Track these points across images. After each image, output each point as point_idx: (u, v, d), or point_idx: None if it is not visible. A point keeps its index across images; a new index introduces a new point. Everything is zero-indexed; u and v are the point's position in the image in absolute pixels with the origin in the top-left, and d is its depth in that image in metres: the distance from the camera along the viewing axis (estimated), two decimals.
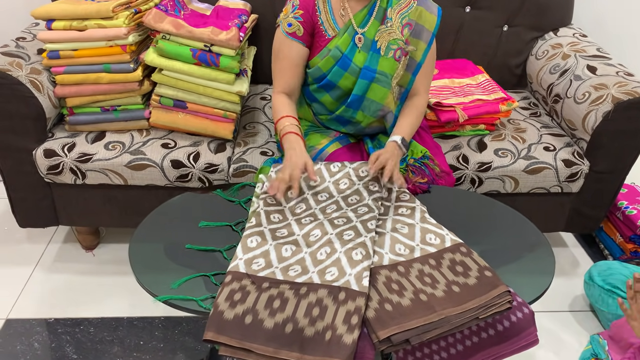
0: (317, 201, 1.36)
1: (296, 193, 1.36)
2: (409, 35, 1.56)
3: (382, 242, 1.23)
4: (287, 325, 1.01)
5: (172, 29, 1.70)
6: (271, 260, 1.17)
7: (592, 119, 1.80)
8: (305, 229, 1.26)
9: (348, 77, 1.54)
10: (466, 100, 1.90)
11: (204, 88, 1.76)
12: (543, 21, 2.21)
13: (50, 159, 1.74)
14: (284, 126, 1.48)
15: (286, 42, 1.53)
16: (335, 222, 1.27)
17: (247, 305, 1.05)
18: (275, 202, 1.35)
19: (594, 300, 1.85)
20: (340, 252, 1.17)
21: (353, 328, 0.99)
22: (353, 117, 1.61)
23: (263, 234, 1.24)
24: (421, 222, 1.28)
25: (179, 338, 1.74)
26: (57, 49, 1.72)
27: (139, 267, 1.19)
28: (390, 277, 1.12)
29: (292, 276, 1.12)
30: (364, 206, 1.32)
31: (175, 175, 1.77)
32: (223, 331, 1.00)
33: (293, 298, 1.07)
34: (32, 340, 1.71)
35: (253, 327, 1.01)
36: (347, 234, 1.22)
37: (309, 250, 1.19)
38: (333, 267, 1.13)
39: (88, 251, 2.07)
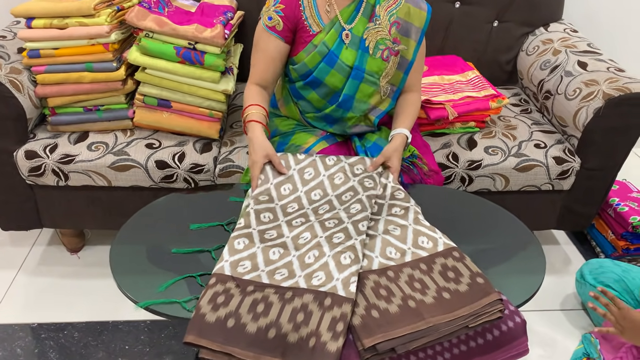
0: (310, 200, 1.33)
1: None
2: (397, 33, 1.53)
3: (373, 245, 1.20)
4: (270, 330, 0.99)
5: (155, 27, 1.66)
6: (258, 263, 1.14)
7: (583, 116, 1.78)
8: (295, 232, 1.23)
9: (334, 75, 1.52)
10: (456, 97, 1.88)
11: (189, 87, 1.72)
12: (534, 16, 2.19)
13: (32, 160, 1.71)
14: (248, 114, 1.47)
15: (264, 35, 1.51)
16: (326, 223, 1.24)
17: (230, 308, 1.03)
18: (267, 199, 1.31)
19: (585, 299, 1.84)
20: (328, 255, 1.14)
21: (338, 335, 0.97)
22: (343, 117, 1.59)
23: (251, 236, 1.21)
24: (414, 224, 1.25)
25: (165, 342, 1.71)
26: (37, 48, 1.69)
27: (120, 271, 1.17)
28: (379, 283, 1.10)
29: (277, 280, 1.10)
30: (357, 203, 1.29)
31: (160, 176, 1.73)
32: (204, 334, 0.98)
33: (277, 302, 1.04)
34: (15, 346, 1.67)
35: (235, 331, 0.99)
36: (337, 237, 1.19)
37: (297, 254, 1.17)
38: (320, 272, 1.11)
39: (73, 254, 2.03)
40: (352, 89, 1.53)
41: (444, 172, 1.78)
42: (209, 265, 1.17)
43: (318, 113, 1.61)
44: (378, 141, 1.61)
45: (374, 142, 1.60)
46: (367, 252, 1.18)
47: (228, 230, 1.29)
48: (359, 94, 1.55)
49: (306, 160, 1.42)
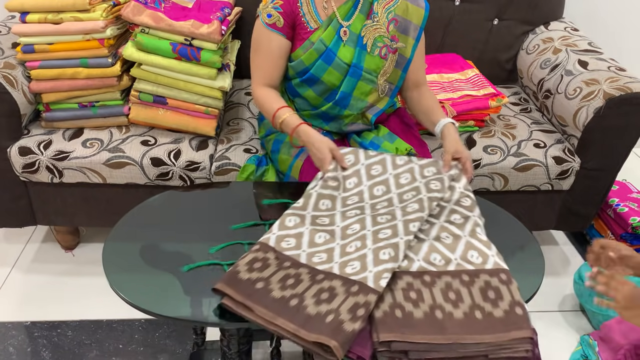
0: (371, 195, 1.31)
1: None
2: (395, 31, 1.52)
3: (419, 249, 1.16)
4: (293, 299, 1.03)
5: (151, 22, 1.64)
6: (301, 243, 1.17)
7: (584, 115, 1.76)
8: (346, 222, 1.23)
9: (332, 72, 1.50)
10: (455, 95, 1.86)
11: (185, 83, 1.70)
12: (534, 15, 2.17)
13: (26, 157, 1.69)
14: (285, 119, 1.43)
15: (265, 33, 1.48)
16: (378, 219, 1.22)
17: (263, 275, 1.08)
18: (334, 186, 1.30)
19: (583, 300, 1.82)
20: (369, 248, 1.13)
21: (357, 319, 0.97)
22: (340, 115, 1.57)
23: (303, 217, 1.23)
24: (469, 236, 1.19)
25: (159, 341, 1.69)
26: (31, 43, 1.66)
27: (113, 269, 1.15)
28: (412, 285, 1.07)
29: (314, 262, 1.12)
30: (416, 203, 1.24)
31: (156, 174, 1.71)
32: (232, 286, 1.05)
33: (307, 281, 1.07)
34: (7, 344, 1.66)
35: (261, 292, 1.04)
36: (384, 233, 1.17)
37: (341, 242, 1.18)
38: (357, 262, 1.11)
39: (67, 251, 2.01)
40: (349, 86, 1.51)
41: None
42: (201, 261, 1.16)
43: (314, 110, 1.59)
44: (375, 140, 1.59)
45: (370, 141, 1.59)
46: (411, 253, 1.14)
47: (263, 223, 1.28)
48: (357, 91, 1.53)
49: (376, 157, 1.39)
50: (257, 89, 1.53)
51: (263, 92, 1.51)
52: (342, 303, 1.01)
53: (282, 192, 1.46)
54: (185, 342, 1.69)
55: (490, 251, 1.16)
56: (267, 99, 1.50)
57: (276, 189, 1.49)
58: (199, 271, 1.14)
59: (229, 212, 1.33)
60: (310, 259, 1.13)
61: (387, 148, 1.54)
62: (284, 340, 1.56)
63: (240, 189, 1.48)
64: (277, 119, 1.45)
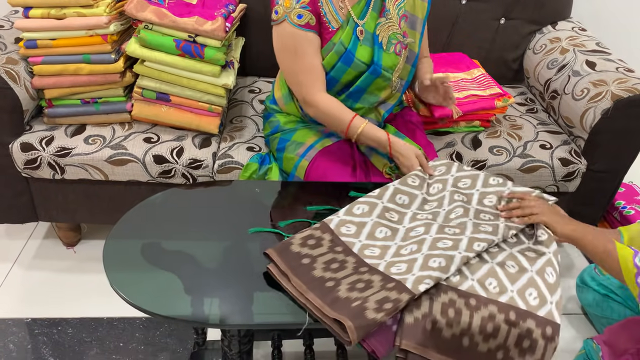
0: (451, 200, 1.29)
1: None
2: (405, 27, 1.53)
3: (477, 269, 1.10)
4: (329, 282, 1.06)
5: (155, 18, 1.62)
6: (361, 233, 1.18)
7: (591, 117, 1.74)
8: (413, 224, 1.22)
9: (350, 73, 1.50)
10: (461, 95, 1.84)
11: (188, 80, 1.69)
12: (541, 14, 2.14)
13: (28, 153, 1.67)
14: (365, 129, 1.45)
15: (302, 35, 1.43)
16: (446, 229, 1.19)
17: (312, 253, 1.12)
18: (415, 185, 1.32)
19: (587, 304, 1.80)
20: (421, 253, 1.11)
21: (381, 310, 0.97)
22: (351, 108, 1.56)
23: (374, 207, 1.24)
24: (536, 273, 1.11)
25: (160, 340, 1.68)
26: (34, 38, 1.65)
27: (114, 267, 1.14)
28: (454, 302, 1.03)
29: (365, 255, 1.13)
30: (491, 226, 1.19)
31: (158, 171, 1.70)
32: (281, 255, 1.11)
33: (350, 270, 1.09)
34: (8, 341, 1.65)
35: (304, 267, 1.09)
36: (444, 243, 1.13)
37: (399, 243, 1.17)
38: (404, 264, 1.10)
39: (69, 248, 2.00)
40: (366, 82, 1.52)
41: None
42: (199, 264, 1.14)
43: None
44: None
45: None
46: (466, 271, 1.09)
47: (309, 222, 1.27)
48: (372, 87, 1.54)
49: (469, 172, 1.37)
50: (317, 97, 1.46)
51: (327, 101, 1.47)
52: (373, 294, 1.02)
53: (288, 191, 1.45)
54: (186, 341, 1.68)
55: (552, 297, 1.08)
56: (336, 108, 1.47)
57: (282, 188, 1.48)
58: (200, 271, 1.13)
59: (231, 210, 1.32)
60: (363, 251, 1.14)
61: None
62: (285, 341, 1.55)
63: (242, 188, 1.46)
64: (354, 129, 1.45)
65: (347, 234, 1.18)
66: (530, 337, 1.03)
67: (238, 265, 1.16)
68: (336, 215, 1.21)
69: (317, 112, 1.49)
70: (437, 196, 1.32)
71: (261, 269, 1.16)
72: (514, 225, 1.20)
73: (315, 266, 1.09)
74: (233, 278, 1.13)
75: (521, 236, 1.20)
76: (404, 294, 1.01)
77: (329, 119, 1.48)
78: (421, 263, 1.08)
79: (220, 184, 1.55)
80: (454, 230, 1.19)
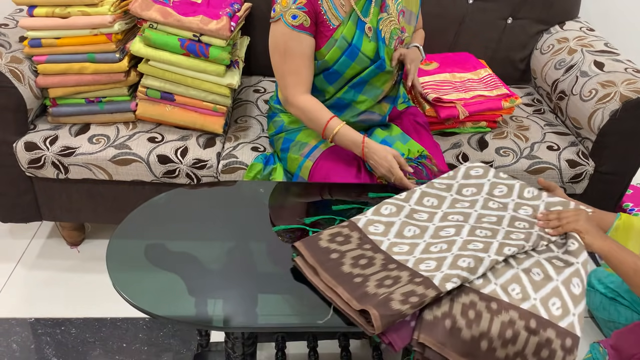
0: (485, 205, 1.26)
1: None
2: (403, 22, 1.54)
3: (501, 274, 1.08)
4: (357, 277, 1.06)
5: (160, 18, 1.62)
6: (389, 232, 1.18)
7: (599, 118, 1.72)
8: (443, 223, 1.21)
9: (355, 67, 1.50)
10: (467, 96, 1.82)
11: (193, 80, 1.68)
12: (549, 14, 2.13)
13: (32, 152, 1.67)
14: (340, 131, 1.45)
15: (294, 36, 1.42)
16: (477, 232, 1.16)
17: (341, 248, 1.12)
18: (444, 188, 1.31)
19: (593, 308, 1.79)
20: (452, 253, 1.10)
21: (407, 303, 0.97)
22: (354, 100, 1.56)
23: (401, 208, 1.24)
24: (562, 283, 1.08)
25: (163, 341, 1.67)
26: (39, 37, 1.65)
27: (117, 268, 1.13)
28: (475, 305, 1.02)
29: (393, 251, 1.13)
30: (523, 234, 1.16)
31: (162, 171, 1.69)
32: (309, 248, 1.11)
33: (378, 267, 1.09)
34: (11, 341, 1.64)
35: (332, 262, 1.09)
36: (475, 245, 1.11)
37: (428, 240, 1.16)
38: (433, 261, 1.08)
39: (73, 247, 2.00)
40: (369, 75, 1.52)
41: None
42: (203, 265, 1.14)
43: (328, 100, 1.57)
44: (387, 139, 1.57)
45: (383, 139, 1.56)
46: (491, 275, 1.07)
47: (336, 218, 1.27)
48: (375, 79, 1.54)
49: (506, 180, 1.33)
50: (299, 98, 1.47)
51: (307, 101, 1.47)
52: (399, 288, 1.02)
53: (292, 191, 1.44)
54: (190, 342, 1.67)
55: (575, 309, 1.05)
56: (315, 109, 1.47)
57: (286, 189, 1.46)
58: (204, 273, 1.12)
59: (235, 211, 1.31)
60: (391, 248, 1.14)
61: (399, 148, 1.51)
62: (289, 342, 1.54)
63: (247, 188, 1.45)
64: (330, 131, 1.45)
65: (375, 232, 1.17)
66: (550, 347, 1.01)
67: (242, 267, 1.15)
68: (364, 215, 1.21)
69: (297, 112, 1.50)
70: (469, 198, 1.29)
71: (266, 270, 1.16)
72: (547, 236, 1.17)
73: (344, 261, 1.09)
74: (237, 279, 1.12)
75: (551, 245, 1.17)
76: (431, 289, 1.00)
77: (307, 118, 1.49)
78: (450, 262, 1.07)
79: (225, 185, 1.54)
80: (485, 232, 1.16)
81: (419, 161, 1.50)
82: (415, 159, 1.50)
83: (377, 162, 1.40)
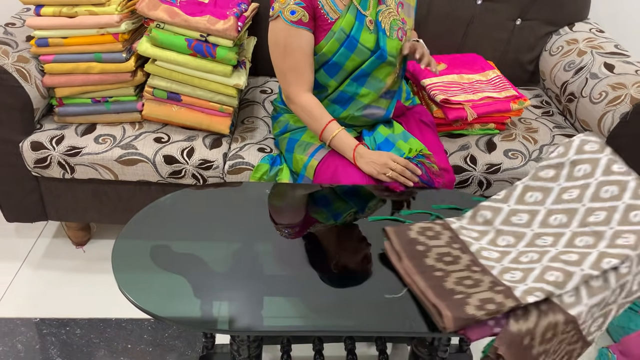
0: (595, 195, 1.11)
1: None
2: (402, 13, 1.55)
3: (595, 293, 1.00)
4: (438, 272, 1.07)
5: (167, 17, 1.61)
6: (482, 238, 1.16)
7: (609, 121, 1.70)
8: (543, 230, 1.12)
9: (354, 59, 1.49)
10: (475, 97, 1.81)
11: (199, 80, 1.67)
12: (558, 15, 2.11)
13: (38, 151, 1.67)
14: (338, 135, 1.47)
15: (293, 32, 1.43)
16: (578, 239, 1.07)
17: (427, 242, 1.13)
18: (551, 177, 1.17)
19: None
20: (541, 264, 1.04)
21: (482, 309, 0.97)
22: (357, 93, 1.55)
23: (497, 213, 1.19)
24: None
25: (168, 342, 1.67)
26: (46, 36, 1.64)
27: (122, 269, 1.12)
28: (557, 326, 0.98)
29: (482, 255, 1.12)
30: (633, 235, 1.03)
31: (168, 172, 1.69)
32: (398, 236, 1.14)
33: (462, 266, 1.09)
34: (16, 341, 1.64)
35: (417, 252, 1.10)
36: (569, 256, 1.04)
37: (521, 249, 1.12)
38: (520, 272, 1.05)
39: (78, 247, 1.99)
40: (370, 67, 1.51)
41: (461, 175, 1.72)
42: (210, 267, 1.12)
43: (331, 95, 1.56)
44: (390, 137, 1.55)
45: (385, 138, 1.55)
46: (584, 293, 1.00)
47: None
48: (377, 71, 1.53)
49: (620, 176, 1.11)
50: (301, 96, 1.48)
51: (309, 100, 1.49)
52: (477, 293, 1.01)
53: (297, 192, 1.43)
54: (195, 344, 1.66)
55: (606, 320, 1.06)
56: (316, 109, 1.49)
57: (291, 190, 1.45)
58: (210, 274, 1.11)
59: (241, 212, 1.30)
60: (480, 252, 1.12)
61: (401, 147, 1.50)
62: (294, 345, 1.53)
63: (253, 189, 1.44)
64: (329, 133, 1.46)
65: (467, 237, 1.16)
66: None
67: (248, 269, 1.14)
68: (458, 220, 1.20)
69: (297, 110, 1.51)
70: (581, 182, 1.13)
71: (272, 272, 1.14)
72: None
73: (429, 254, 1.10)
74: (243, 281, 1.11)
75: None
76: (510, 300, 0.98)
77: (308, 118, 1.50)
78: (537, 274, 1.02)
79: (231, 185, 1.53)
80: (586, 240, 1.06)
81: (417, 159, 1.48)
82: (414, 158, 1.48)
83: (372, 167, 1.42)
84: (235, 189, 1.46)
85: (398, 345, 1.69)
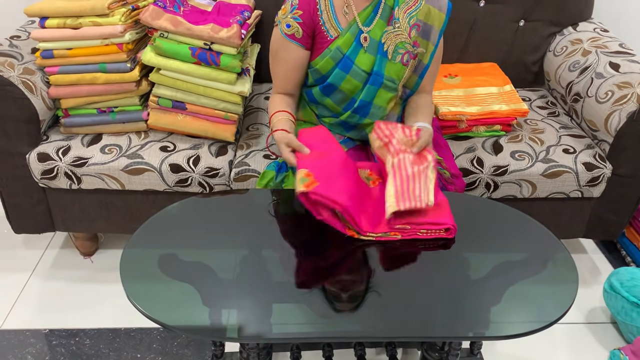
0: None
1: None
2: (417, 36, 1.47)
3: None
4: None
5: (170, 27, 1.61)
6: None
7: (616, 120, 1.69)
8: None
9: (350, 80, 1.46)
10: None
11: (204, 88, 1.67)
12: (562, 15, 2.10)
13: (44, 163, 1.67)
14: (273, 124, 1.46)
15: (284, 44, 1.46)
16: None
17: None
18: None
19: (615, 312, 1.75)
20: None
21: None
22: (359, 123, 1.54)
23: None
24: None
25: (177, 351, 1.66)
26: (50, 48, 1.65)
27: (131, 278, 1.12)
28: None
29: None
30: None
31: (175, 180, 1.69)
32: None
33: None
34: (26, 352, 1.64)
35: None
36: None
37: None
38: None
39: (86, 257, 2.00)
40: (369, 95, 1.48)
41: (468, 177, 1.71)
42: (217, 275, 1.12)
43: (336, 118, 1.56)
44: None
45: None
46: None
47: None
48: (377, 99, 1.49)
49: None
50: (273, 95, 1.56)
51: (275, 97, 1.54)
52: None
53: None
54: (204, 352, 1.66)
55: None
56: (274, 102, 1.52)
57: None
58: (218, 283, 1.11)
59: (248, 219, 1.30)
60: None
61: None
62: (304, 352, 1.53)
63: (259, 196, 1.44)
64: (272, 120, 1.48)
65: None
66: None
67: (256, 276, 1.14)
68: None
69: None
70: None
71: (280, 279, 1.14)
72: None
73: None
74: (251, 289, 1.10)
75: None
76: None
77: (269, 109, 1.54)
78: None
79: (237, 193, 1.53)
80: None
81: None
82: None
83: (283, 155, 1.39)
84: (241, 196, 1.46)
85: (408, 350, 1.68)
